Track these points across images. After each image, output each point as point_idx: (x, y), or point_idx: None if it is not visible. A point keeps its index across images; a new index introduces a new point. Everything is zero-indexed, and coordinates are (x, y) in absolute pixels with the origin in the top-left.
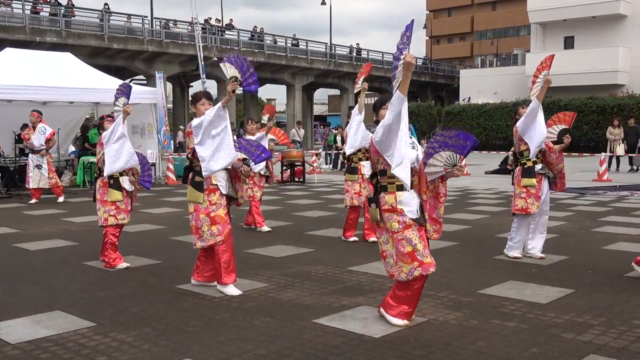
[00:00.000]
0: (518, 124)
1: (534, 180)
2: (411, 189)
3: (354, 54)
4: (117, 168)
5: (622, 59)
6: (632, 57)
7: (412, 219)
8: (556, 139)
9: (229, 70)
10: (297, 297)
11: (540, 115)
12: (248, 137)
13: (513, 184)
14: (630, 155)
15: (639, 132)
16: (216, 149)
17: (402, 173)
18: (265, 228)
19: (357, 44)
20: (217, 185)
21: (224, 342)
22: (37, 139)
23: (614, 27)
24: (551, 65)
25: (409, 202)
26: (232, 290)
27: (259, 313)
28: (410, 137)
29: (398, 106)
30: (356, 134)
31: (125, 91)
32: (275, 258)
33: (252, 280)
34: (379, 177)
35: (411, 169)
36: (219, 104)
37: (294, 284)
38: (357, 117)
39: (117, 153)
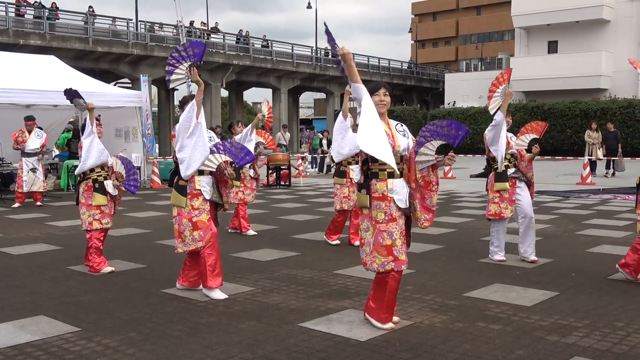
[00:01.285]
0: (486, 132)
1: (506, 185)
2: (401, 177)
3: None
4: (89, 165)
5: (605, 63)
6: (614, 62)
7: (400, 208)
8: (526, 148)
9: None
10: (283, 300)
11: (504, 129)
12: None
13: (487, 189)
14: (612, 159)
15: (618, 137)
16: (193, 148)
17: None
18: (251, 232)
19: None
20: (200, 190)
21: (210, 347)
22: (33, 142)
23: (597, 32)
24: (509, 79)
25: (399, 191)
26: (217, 294)
27: (245, 317)
28: (402, 125)
29: (359, 95)
30: (343, 141)
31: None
32: (261, 262)
33: (237, 284)
34: (369, 163)
35: (401, 157)
36: (192, 101)
37: (279, 288)
38: (341, 124)
39: (87, 151)
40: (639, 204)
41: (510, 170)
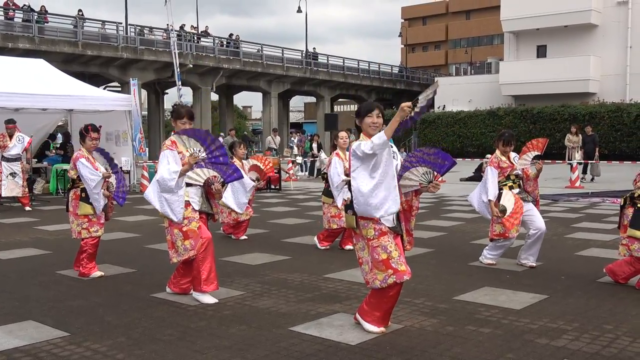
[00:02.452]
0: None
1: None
2: None
3: (309, 59)
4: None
5: (593, 67)
6: (602, 66)
7: (388, 227)
8: (529, 164)
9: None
10: (274, 305)
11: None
12: (235, 161)
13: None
14: (589, 162)
15: (596, 141)
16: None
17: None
18: (243, 237)
19: (314, 48)
20: (189, 201)
21: (200, 351)
22: (14, 147)
23: (585, 37)
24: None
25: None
26: (207, 298)
27: (235, 321)
28: (391, 147)
29: (381, 147)
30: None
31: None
32: (251, 266)
33: (228, 289)
34: None
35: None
36: (180, 170)
37: (270, 292)
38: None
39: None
40: (622, 227)
41: (515, 191)
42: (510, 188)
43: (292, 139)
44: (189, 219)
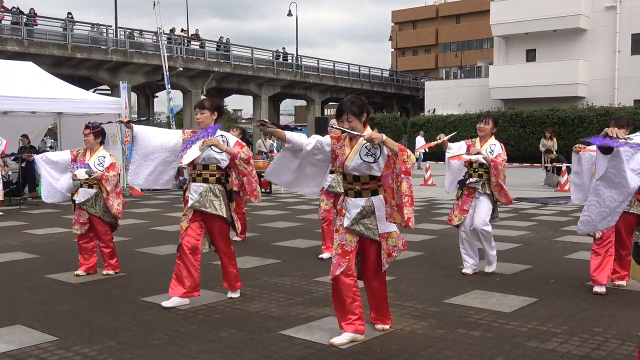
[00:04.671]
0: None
1: (459, 192)
2: (351, 196)
3: (278, 59)
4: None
5: (582, 72)
6: (591, 70)
7: (343, 226)
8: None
9: None
10: (264, 308)
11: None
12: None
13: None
14: (546, 167)
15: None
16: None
17: None
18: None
19: (284, 48)
20: (188, 196)
21: (190, 355)
22: None
23: (574, 41)
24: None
25: (349, 209)
26: (164, 301)
27: (226, 325)
28: (373, 149)
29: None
30: None
31: None
32: (241, 269)
33: (218, 292)
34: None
35: (357, 176)
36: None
37: (260, 296)
38: None
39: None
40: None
41: (471, 179)
42: (469, 176)
43: (274, 143)
44: (185, 216)
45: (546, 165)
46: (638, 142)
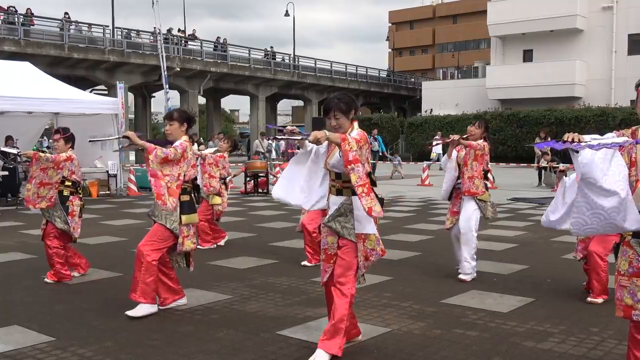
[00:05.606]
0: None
1: (450, 197)
2: (333, 194)
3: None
4: None
5: (579, 72)
6: (588, 71)
7: (323, 223)
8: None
9: None
10: (261, 308)
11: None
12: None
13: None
14: (541, 168)
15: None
16: None
17: None
18: (223, 242)
19: (272, 47)
20: None
21: (187, 355)
22: None
23: (571, 41)
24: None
25: (330, 207)
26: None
27: (223, 325)
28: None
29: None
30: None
31: None
32: (238, 270)
33: (215, 292)
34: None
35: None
36: None
37: (257, 296)
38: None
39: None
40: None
41: (459, 181)
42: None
43: (272, 143)
44: None
45: (540, 166)
46: (615, 142)
